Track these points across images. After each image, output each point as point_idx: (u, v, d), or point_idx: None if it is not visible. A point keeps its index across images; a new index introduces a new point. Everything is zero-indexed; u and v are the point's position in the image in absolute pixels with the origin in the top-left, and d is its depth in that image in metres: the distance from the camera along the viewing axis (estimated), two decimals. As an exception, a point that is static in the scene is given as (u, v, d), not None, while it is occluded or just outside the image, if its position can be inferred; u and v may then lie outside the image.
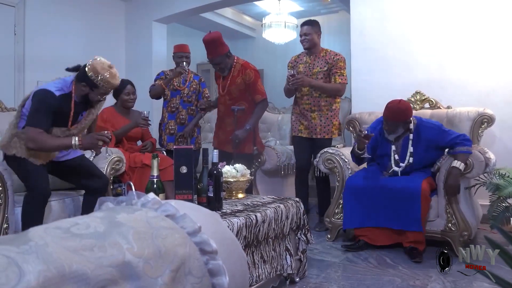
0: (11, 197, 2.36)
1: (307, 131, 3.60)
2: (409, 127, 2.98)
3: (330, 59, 3.56)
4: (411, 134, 2.98)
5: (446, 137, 2.90)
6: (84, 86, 2.48)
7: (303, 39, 3.61)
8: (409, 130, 2.99)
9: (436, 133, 2.94)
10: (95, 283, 0.60)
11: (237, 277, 0.88)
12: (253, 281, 2.01)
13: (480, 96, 3.63)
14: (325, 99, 3.55)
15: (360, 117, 3.76)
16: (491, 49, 3.66)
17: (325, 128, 3.55)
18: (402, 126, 2.96)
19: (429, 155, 3.00)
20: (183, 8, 5.62)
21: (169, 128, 3.97)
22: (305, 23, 3.63)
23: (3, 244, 0.57)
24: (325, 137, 3.55)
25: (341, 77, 3.51)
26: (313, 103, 3.58)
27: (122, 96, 3.57)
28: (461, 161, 2.77)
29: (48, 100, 2.39)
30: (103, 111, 3.53)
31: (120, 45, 6.04)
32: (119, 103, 3.62)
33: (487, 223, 3.15)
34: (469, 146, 2.83)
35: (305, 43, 3.61)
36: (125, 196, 0.90)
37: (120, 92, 3.55)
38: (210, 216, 0.97)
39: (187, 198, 2.16)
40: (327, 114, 3.55)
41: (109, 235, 0.68)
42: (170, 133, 3.97)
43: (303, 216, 2.45)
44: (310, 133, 3.59)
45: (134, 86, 3.66)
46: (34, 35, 4.83)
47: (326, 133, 3.55)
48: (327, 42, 7.90)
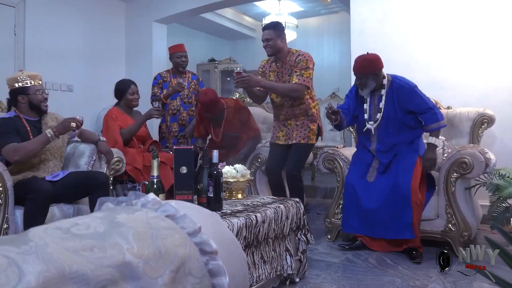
0: (11, 197, 2.36)
1: (285, 138, 3.39)
2: (382, 83, 2.94)
3: (292, 61, 3.22)
4: (383, 90, 2.94)
5: (415, 100, 2.84)
6: (22, 99, 2.64)
7: (265, 45, 3.23)
8: (382, 86, 2.95)
9: (407, 92, 2.87)
10: (95, 284, 0.60)
11: (237, 278, 0.88)
12: (253, 281, 2.01)
13: (480, 97, 3.63)
14: (298, 108, 3.27)
15: (360, 117, 3.75)
16: (491, 50, 3.66)
17: (301, 133, 3.31)
18: (372, 79, 2.90)
19: (404, 118, 2.91)
20: (183, 9, 5.63)
21: (173, 131, 3.98)
22: (265, 27, 3.26)
23: (3, 245, 0.57)
24: (301, 142, 3.30)
25: (299, 77, 3.13)
26: (287, 114, 3.34)
27: (127, 96, 3.57)
28: (436, 136, 2.85)
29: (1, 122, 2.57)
30: (112, 111, 3.56)
31: (120, 45, 6.05)
32: (123, 103, 3.61)
33: (487, 223, 3.15)
34: (439, 121, 2.83)
35: (268, 49, 3.22)
36: (125, 197, 0.90)
37: (125, 92, 3.56)
38: (210, 216, 0.97)
39: (187, 198, 2.16)
40: (304, 120, 3.32)
41: (109, 236, 0.68)
42: (174, 136, 3.97)
43: (303, 216, 2.45)
44: (286, 140, 3.38)
45: (137, 85, 3.66)
46: (34, 36, 4.84)
47: (301, 137, 3.30)
48: (327, 43, 7.94)
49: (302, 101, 3.27)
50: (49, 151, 2.70)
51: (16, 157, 2.47)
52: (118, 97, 3.62)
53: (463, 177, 2.85)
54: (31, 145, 2.51)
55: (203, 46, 8.42)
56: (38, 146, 2.54)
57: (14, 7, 4.74)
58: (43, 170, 2.65)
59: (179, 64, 3.99)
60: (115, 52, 5.95)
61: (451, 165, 2.84)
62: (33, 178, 2.54)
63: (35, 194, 2.37)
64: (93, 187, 2.63)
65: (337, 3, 6.88)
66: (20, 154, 2.47)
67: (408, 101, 2.86)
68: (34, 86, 2.64)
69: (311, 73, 3.19)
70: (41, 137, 2.55)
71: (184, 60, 3.98)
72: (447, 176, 2.86)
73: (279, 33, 3.22)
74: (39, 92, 2.65)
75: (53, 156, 2.72)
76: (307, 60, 3.17)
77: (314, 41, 8.10)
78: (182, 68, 4.01)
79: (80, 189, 2.65)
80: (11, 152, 2.47)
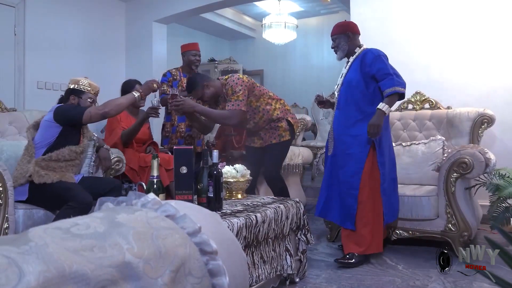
0: (11, 197, 2.36)
1: (260, 142, 3.39)
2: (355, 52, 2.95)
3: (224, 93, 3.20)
4: (352, 57, 2.95)
5: (377, 64, 2.78)
6: (73, 99, 2.73)
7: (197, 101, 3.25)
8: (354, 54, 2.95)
9: (371, 57, 2.82)
10: (95, 284, 0.60)
11: (237, 278, 0.89)
12: (253, 281, 2.01)
13: (480, 97, 3.63)
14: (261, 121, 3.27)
15: (360, 117, 3.75)
16: (491, 50, 3.66)
17: (272, 134, 3.32)
18: (344, 40, 2.93)
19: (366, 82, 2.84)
20: (183, 9, 5.63)
21: (179, 131, 3.93)
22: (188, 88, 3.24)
23: (3, 245, 0.57)
24: (273, 142, 3.30)
25: (229, 105, 3.09)
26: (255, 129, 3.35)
27: None
28: (387, 103, 2.71)
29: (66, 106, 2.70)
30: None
31: (121, 45, 6.05)
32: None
33: (487, 223, 3.15)
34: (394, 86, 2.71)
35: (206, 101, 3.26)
36: (125, 197, 0.90)
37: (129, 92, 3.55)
38: (210, 216, 0.97)
39: (187, 198, 2.16)
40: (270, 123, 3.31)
41: (109, 236, 0.68)
42: (181, 136, 3.94)
43: (303, 216, 2.45)
44: (261, 143, 3.37)
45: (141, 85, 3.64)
46: (34, 36, 4.84)
47: (273, 138, 3.31)
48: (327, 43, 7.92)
49: (260, 115, 3.25)
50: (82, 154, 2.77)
51: (106, 108, 2.60)
52: None
53: (463, 177, 2.84)
54: (119, 100, 2.71)
55: (203, 46, 8.36)
56: (125, 102, 2.73)
57: (14, 7, 4.74)
58: (71, 171, 2.67)
59: (193, 62, 3.97)
60: (115, 52, 5.95)
61: (451, 165, 2.84)
62: (75, 185, 2.56)
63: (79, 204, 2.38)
64: (106, 192, 2.64)
65: (337, 3, 6.88)
66: (109, 106, 2.62)
67: (371, 65, 2.80)
68: (88, 94, 2.75)
69: (241, 94, 3.09)
70: (129, 95, 2.79)
71: (198, 59, 3.97)
72: (447, 176, 2.86)
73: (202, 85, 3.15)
74: (90, 100, 2.75)
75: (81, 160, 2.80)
76: (231, 86, 3.11)
77: (314, 41, 8.11)
78: (195, 67, 3.98)
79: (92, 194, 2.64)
80: (100, 107, 2.62)
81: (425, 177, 3.19)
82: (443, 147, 3.20)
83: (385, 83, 2.73)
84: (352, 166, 2.78)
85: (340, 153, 2.87)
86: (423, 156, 3.24)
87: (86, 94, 2.74)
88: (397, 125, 3.63)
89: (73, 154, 2.64)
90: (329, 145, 3.00)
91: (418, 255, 2.85)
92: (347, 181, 2.78)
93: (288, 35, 6.70)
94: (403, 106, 3.71)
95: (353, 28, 2.96)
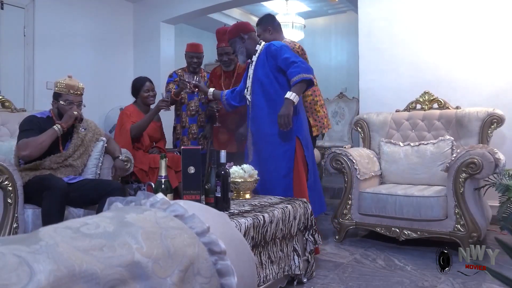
0: (21, 196, 2.38)
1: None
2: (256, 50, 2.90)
3: None
4: (255, 56, 2.89)
5: (282, 55, 2.73)
6: (54, 103, 2.68)
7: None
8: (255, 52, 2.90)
9: (274, 49, 2.78)
10: (105, 283, 0.60)
11: (245, 278, 0.89)
12: (261, 281, 2.01)
13: (489, 96, 3.60)
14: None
15: (368, 117, 3.74)
16: (500, 49, 3.62)
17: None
18: (239, 43, 2.89)
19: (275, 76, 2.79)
20: (190, 9, 5.64)
21: (191, 133, 3.92)
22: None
23: (14, 244, 0.58)
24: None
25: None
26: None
27: (141, 93, 3.59)
28: (295, 92, 2.66)
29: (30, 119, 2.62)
30: (127, 108, 3.60)
31: (129, 45, 6.08)
32: (139, 101, 3.63)
33: (496, 224, 3.13)
34: (302, 73, 2.65)
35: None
36: (134, 196, 0.91)
37: (140, 90, 3.57)
38: (218, 216, 0.97)
39: (195, 198, 2.16)
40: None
41: (118, 235, 0.68)
42: (193, 138, 3.93)
43: (311, 216, 2.44)
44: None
45: (152, 82, 3.66)
46: (43, 37, 4.88)
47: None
48: (335, 42, 7.91)
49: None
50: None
51: (25, 151, 2.47)
52: (135, 95, 3.64)
53: (472, 178, 2.82)
54: (40, 139, 2.51)
55: (210, 46, 8.39)
56: (47, 139, 2.53)
57: (24, 8, 4.78)
58: (60, 172, 2.65)
59: (190, 64, 3.98)
60: (123, 52, 5.98)
61: (460, 166, 2.82)
62: (49, 175, 2.53)
63: (51, 190, 2.35)
64: (107, 195, 2.63)
65: (344, 2, 6.85)
66: (29, 148, 2.46)
67: (276, 56, 2.76)
68: (66, 96, 2.64)
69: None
70: (50, 131, 2.56)
71: (195, 61, 3.94)
72: (456, 176, 2.83)
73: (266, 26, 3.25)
74: (68, 101, 2.63)
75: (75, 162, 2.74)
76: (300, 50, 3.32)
77: (322, 41, 8.08)
78: (192, 69, 3.98)
79: (94, 196, 2.60)
80: (22, 146, 2.47)
81: (434, 177, 3.17)
82: (452, 147, 3.17)
83: (291, 72, 2.69)
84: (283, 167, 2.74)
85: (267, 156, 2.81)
86: (432, 156, 3.22)
87: (64, 96, 2.63)
88: (406, 125, 3.61)
89: (54, 165, 2.60)
90: (248, 152, 2.94)
91: (427, 256, 2.83)
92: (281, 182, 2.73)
93: (295, 35, 6.68)
94: (412, 106, 3.68)
95: (244, 28, 2.90)
